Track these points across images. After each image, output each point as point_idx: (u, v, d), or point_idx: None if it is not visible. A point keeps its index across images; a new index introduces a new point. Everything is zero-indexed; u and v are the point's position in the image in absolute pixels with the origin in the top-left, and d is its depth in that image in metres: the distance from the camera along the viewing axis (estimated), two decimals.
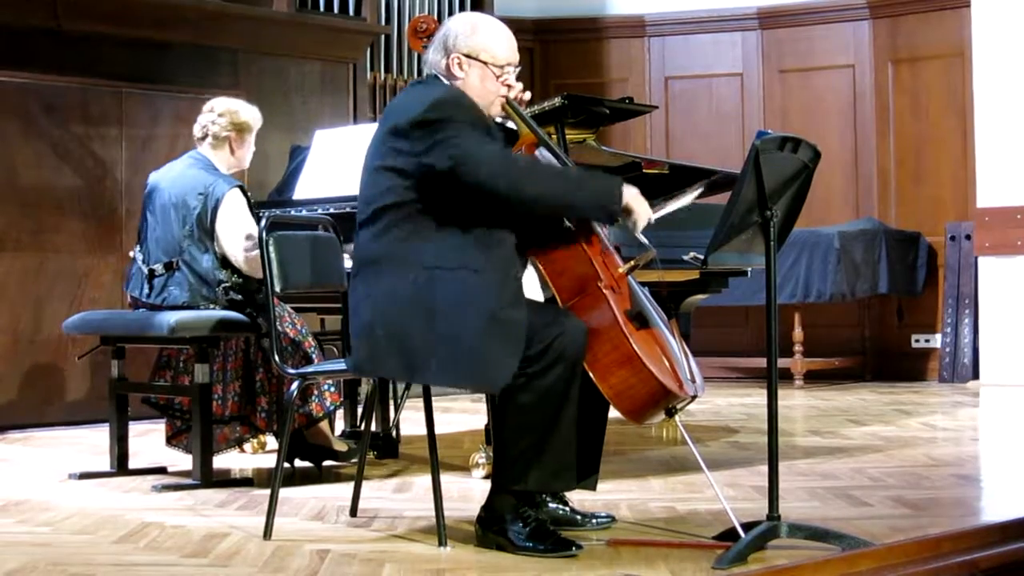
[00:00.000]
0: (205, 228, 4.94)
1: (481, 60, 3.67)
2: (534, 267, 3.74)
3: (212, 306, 4.91)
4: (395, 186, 3.58)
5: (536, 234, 3.68)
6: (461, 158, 3.49)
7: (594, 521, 3.87)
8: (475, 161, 3.49)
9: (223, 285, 4.93)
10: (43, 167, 7.14)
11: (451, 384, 3.57)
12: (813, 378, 9.28)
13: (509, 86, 3.72)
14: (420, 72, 9.33)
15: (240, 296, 4.95)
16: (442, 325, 3.49)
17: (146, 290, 5.00)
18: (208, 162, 5.10)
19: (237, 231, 4.91)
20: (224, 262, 4.96)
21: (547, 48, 10.52)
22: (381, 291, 3.57)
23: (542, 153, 3.84)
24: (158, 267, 4.98)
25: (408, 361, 3.52)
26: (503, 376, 3.46)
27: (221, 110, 5.14)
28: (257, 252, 4.74)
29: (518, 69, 3.75)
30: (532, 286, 3.99)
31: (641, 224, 3.63)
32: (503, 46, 3.71)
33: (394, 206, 3.58)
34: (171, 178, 5.09)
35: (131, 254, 5.16)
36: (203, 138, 5.15)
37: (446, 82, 3.69)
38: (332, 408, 5.07)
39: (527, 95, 3.88)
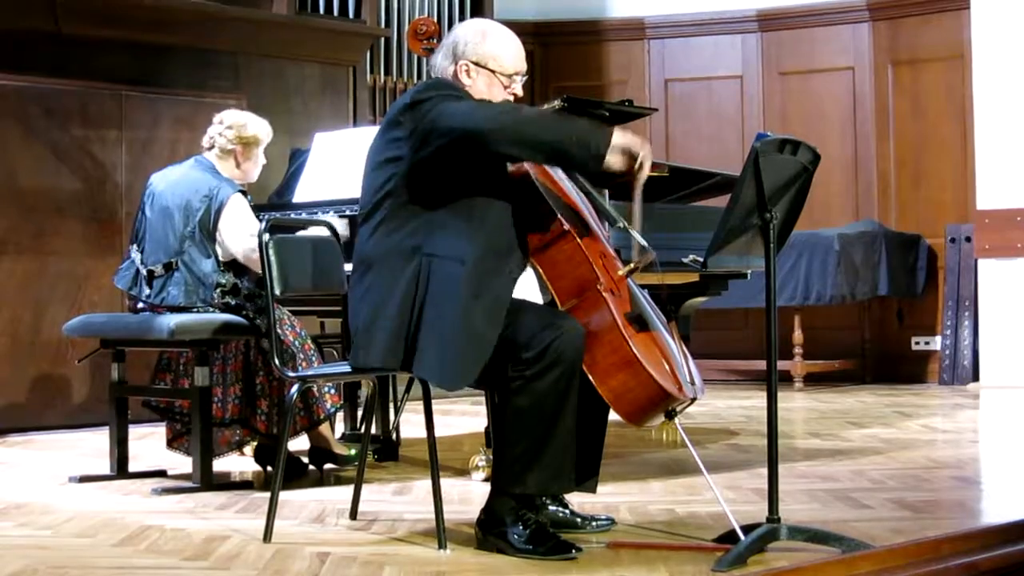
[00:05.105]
0: (207, 230, 4.94)
1: (489, 68, 3.69)
2: (533, 270, 3.74)
3: (208, 308, 4.91)
4: (393, 175, 3.60)
5: (533, 222, 3.67)
6: (439, 112, 3.50)
7: (594, 523, 3.87)
8: (450, 112, 3.50)
9: (220, 288, 4.93)
10: (43, 170, 7.15)
11: (416, 371, 3.56)
12: (813, 380, 9.28)
13: (516, 95, 3.74)
14: (420, 75, 9.34)
15: (235, 300, 4.94)
16: (429, 314, 3.51)
17: (146, 291, 5.00)
18: (212, 167, 5.10)
19: (242, 229, 4.91)
20: (224, 265, 4.97)
21: (547, 51, 10.52)
22: (377, 284, 3.59)
23: None
24: (157, 268, 4.98)
25: (401, 351, 3.55)
26: (463, 381, 3.49)
27: (229, 122, 5.12)
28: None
29: (525, 78, 3.77)
30: (531, 288, 3.99)
31: (648, 162, 3.50)
32: (512, 55, 3.73)
33: (391, 195, 3.60)
34: (174, 180, 5.09)
35: (129, 251, 5.15)
36: (210, 148, 5.15)
37: None
38: (332, 410, 5.08)
39: None
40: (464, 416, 7.38)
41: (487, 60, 3.70)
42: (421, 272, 3.54)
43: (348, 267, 3.93)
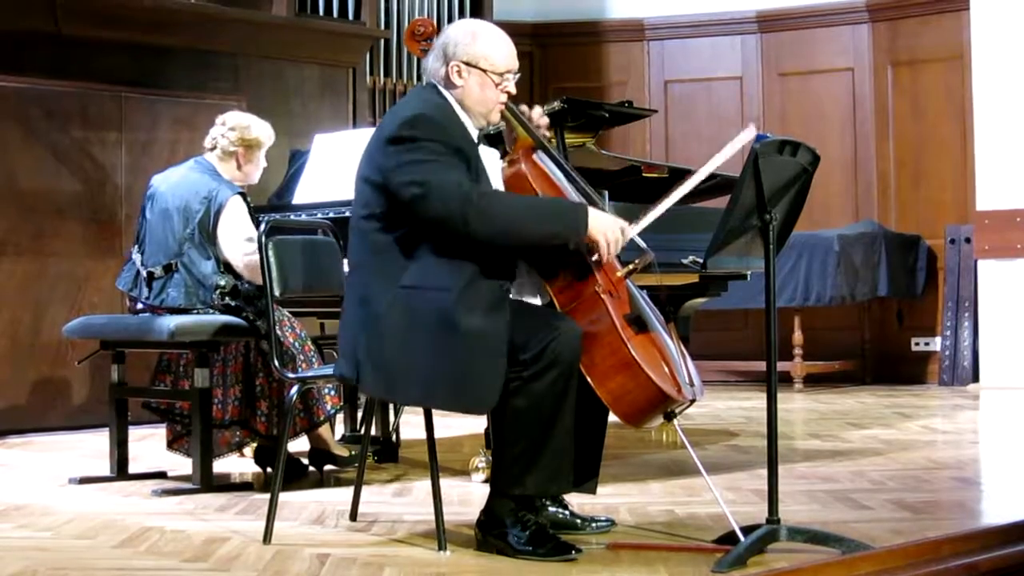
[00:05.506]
0: (207, 232, 4.94)
1: (480, 68, 3.67)
2: (531, 272, 3.74)
3: (208, 310, 4.91)
4: (373, 199, 3.60)
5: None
6: (421, 191, 3.48)
7: (594, 525, 3.87)
8: (431, 196, 3.47)
9: (219, 290, 4.93)
10: (43, 171, 7.15)
11: (437, 406, 3.57)
12: (813, 381, 9.28)
13: (509, 93, 3.73)
14: (419, 77, 9.34)
15: (235, 302, 4.94)
16: (420, 347, 3.49)
17: (145, 292, 5.01)
18: (212, 168, 5.10)
19: (238, 236, 4.92)
20: (224, 267, 4.97)
21: (546, 52, 10.52)
22: (363, 304, 3.58)
23: (540, 157, 3.84)
24: (157, 269, 4.98)
25: (390, 382, 3.54)
26: (491, 397, 3.47)
27: (232, 124, 5.13)
28: (257, 257, 4.76)
29: (517, 76, 3.76)
30: (529, 290, 3.99)
31: (604, 255, 3.57)
32: (503, 54, 3.71)
33: (372, 217, 3.60)
34: (174, 181, 5.09)
35: (130, 253, 5.15)
36: (212, 149, 5.15)
37: (444, 90, 3.69)
38: (332, 412, 5.08)
39: (545, 121, 3.92)
40: (464, 417, 7.36)
41: (478, 60, 3.68)
42: (407, 305, 3.51)
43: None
